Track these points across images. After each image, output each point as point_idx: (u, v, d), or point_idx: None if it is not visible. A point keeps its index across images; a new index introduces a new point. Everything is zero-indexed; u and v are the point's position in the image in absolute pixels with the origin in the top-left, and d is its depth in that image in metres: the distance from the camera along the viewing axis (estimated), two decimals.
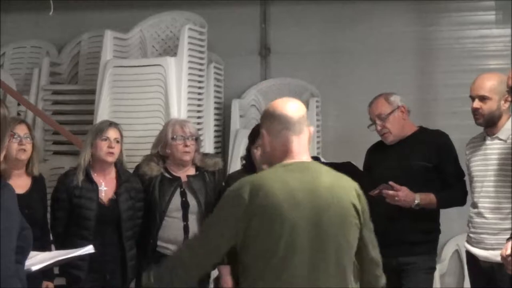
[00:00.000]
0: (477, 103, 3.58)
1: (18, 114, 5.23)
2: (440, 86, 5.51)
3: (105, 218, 3.82)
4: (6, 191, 2.27)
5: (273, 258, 2.42)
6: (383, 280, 2.70)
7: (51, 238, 3.94)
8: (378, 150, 4.12)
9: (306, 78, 5.53)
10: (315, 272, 2.43)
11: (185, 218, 3.90)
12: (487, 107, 3.56)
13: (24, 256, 2.41)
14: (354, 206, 2.51)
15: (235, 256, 2.56)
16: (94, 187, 3.84)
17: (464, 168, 3.93)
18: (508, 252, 2.87)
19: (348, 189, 2.54)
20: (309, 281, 2.43)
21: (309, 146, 2.61)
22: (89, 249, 3.07)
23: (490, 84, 3.57)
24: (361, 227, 2.55)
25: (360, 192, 2.58)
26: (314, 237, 2.44)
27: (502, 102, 3.55)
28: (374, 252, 2.64)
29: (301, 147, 2.56)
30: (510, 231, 3.21)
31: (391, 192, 3.79)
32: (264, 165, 3.09)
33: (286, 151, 2.55)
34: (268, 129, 2.57)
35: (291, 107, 2.57)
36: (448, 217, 4.44)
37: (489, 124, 3.60)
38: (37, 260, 2.79)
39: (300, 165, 2.53)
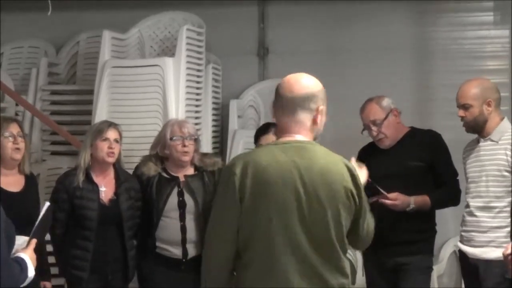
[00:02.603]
0: (461, 112, 3.69)
1: (16, 114, 5.26)
2: (438, 87, 5.49)
3: (106, 218, 3.83)
4: None
5: (261, 234, 2.47)
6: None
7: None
8: (370, 153, 4.11)
9: None
10: (302, 249, 2.47)
11: (182, 218, 3.88)
12: (469, 114, 3.66)
13: (9, 250, 2.63)
14: (347, 188, 2.52)
15: None
16: (95, 187, 3.85)
17: (458, 167, 3.98)
18: (509, 251, 2.93)
19: (341, 171, 2.54)
20: (297, 258, 2.47)
21: (316, 127, 2.61)
22: (46, 205, 3.05)
23: (470, 91, 3.67)
24: (355, 208, 2.57)
25: (356, 174, 2.59)
26: (302, 217, 2.47)
27: (485, 106, 3.64)
28: (363, 233, 2.68)
29: (297, 127, 2.57)
30: (499, 229, 3.39)
31: (387, 201, 3.82)
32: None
33: (282, 129, 2.59)
34: (273, 103, 2.63)
35: (292, 86, 2.58)
36: (446, 218, 4.53)
37: (476, 129, 3.69)
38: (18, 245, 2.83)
39: (295, 145, 2.54)
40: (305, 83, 2.60)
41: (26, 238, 2.87)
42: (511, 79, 4.99)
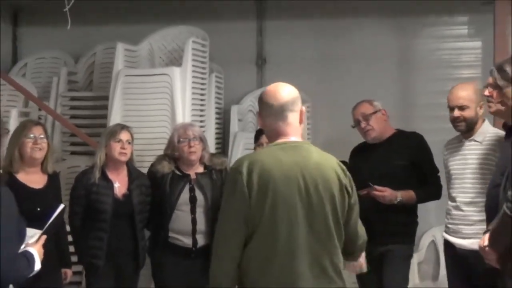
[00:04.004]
0: (457, 112, 3.73)
1: (39, 118, 5.41)
2: (419, 93, 5.70)
3: (120, 211, 3.99)
4: (5, 192, 2.54)
5: (267, 227, 2.56)
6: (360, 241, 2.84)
7: (68, 229, 4.10)
8: (361, 152, 4.29)
9: (298, 86, 5.45)
10: (304, 239, 2.57)
11: (193, 211, 4.04)
12: (467, 114, 3.71)
13: (19, 245, 2.72)
14: (339, 180, 2.66)
15: None
16: (109, 184, 4.01)
17: (438, 165, 4.16)
18: (486, 243, 2.93)
19: (333, 165, 2.69)
20: (299, 249, 2.57)
21: (302, 125, 2.75)
22: (61, 207, 3.09)
23: (466, 94, 3.73)
24: (348, 197, 2.70)
25: (344, 168, 2.74)
26: (304, 209, 2.58)
27: (478, 108, 3.72)
28: (354, 226, 2.76)
29: (290, 129, 2.70)
30: (484, 222, 3.29)
31: (377, 193, 4.02)
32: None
33: (276, 133, 2.72)
34: (260, 112, 2.78)
35: (276, 95, 2.70)
36: (426, 210, 4.61)
37: (467, 129, 3.76)
38: (29, 237, 2.86)
39: (292, 145, 2.67)
40: (288, 90, 2.73)
41: (37, 231, 2.89)
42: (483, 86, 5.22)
